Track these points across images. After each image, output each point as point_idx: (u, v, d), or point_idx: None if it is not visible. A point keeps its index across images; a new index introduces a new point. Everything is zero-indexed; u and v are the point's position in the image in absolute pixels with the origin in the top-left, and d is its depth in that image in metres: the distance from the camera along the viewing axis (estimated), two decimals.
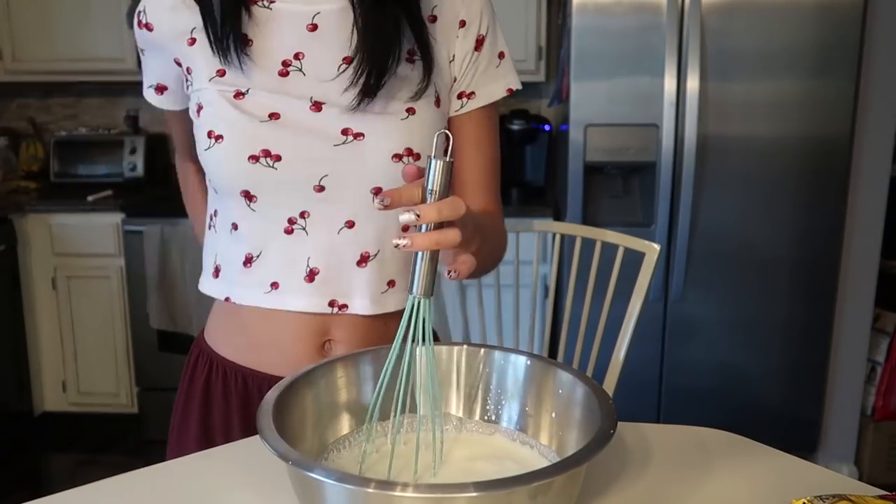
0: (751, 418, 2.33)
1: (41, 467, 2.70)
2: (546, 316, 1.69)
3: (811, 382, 2.32)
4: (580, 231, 1.59)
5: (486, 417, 0.74)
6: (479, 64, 0.89)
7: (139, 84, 0.97)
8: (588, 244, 1.56)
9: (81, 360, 2.81)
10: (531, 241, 1.68)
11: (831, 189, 2.20)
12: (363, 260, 0.86)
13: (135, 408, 2.82)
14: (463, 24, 0.88)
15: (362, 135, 0.83)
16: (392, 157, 0.83)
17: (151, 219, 2.58)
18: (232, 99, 0.83)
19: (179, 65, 0.87)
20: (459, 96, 0.90)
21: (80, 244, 2.73)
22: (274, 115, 0.82)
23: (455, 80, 0.90)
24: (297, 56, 0.83)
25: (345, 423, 0.71)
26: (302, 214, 0.84)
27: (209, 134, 0.83)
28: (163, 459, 0.76)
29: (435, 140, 0.70)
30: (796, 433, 2.36)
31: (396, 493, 0.48)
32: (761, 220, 2.21)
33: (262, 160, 0.81)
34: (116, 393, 2.82)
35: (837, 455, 2.44)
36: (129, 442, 2.78)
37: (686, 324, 2.29)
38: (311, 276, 0.86)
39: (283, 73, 0.83)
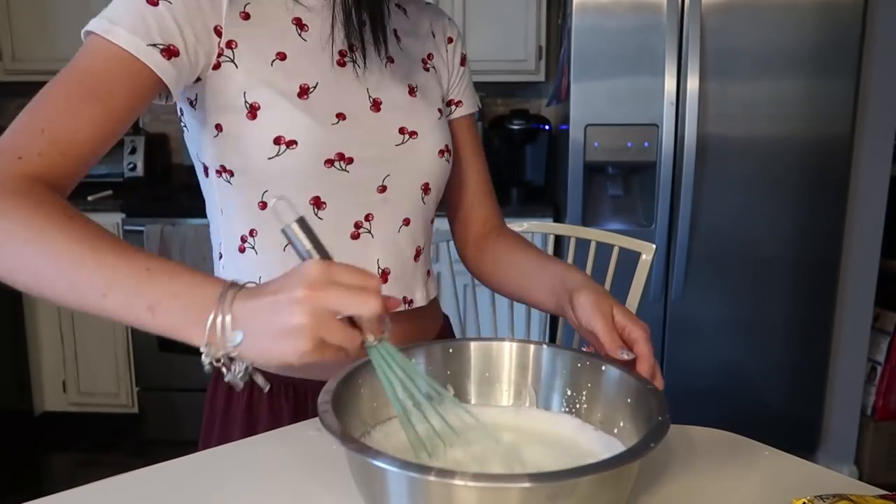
0: (751, 418, 2.33)
1: (41, 467, 2.70)
2: (544, 316, 1.68)
3: (811, 382, 2.32)
4: (575, 232, 1.59)
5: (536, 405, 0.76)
6: (463, 78, 1.01)
7: None
8: (584, 245, 1.56)
9: (81, 360, 2.81)
10: None
11: (831, 189, 2.20)
12: (417, 254, 0.92)
13: (135, 408, 2.81)
14: (451, 40, 1.00)
15: (416, 133, 0.88)
16: (438, 153, 0.90)
17: (151, 218, 2.57)
18: (297, 99, 0.80)
19: (219, 35, 0.77)
20: (448, 104, 1.00)
21: None
22: (340, 116, 0.82)
23: (447, 90, 1.00)
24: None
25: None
26: (367, 217, 0.86)
27: (277, 140, 0.78)
28: (163, 459, 0.76)
29: (274, 206, 0.60)
30: (796, 433, 2.35)
31: (456, 482, 0.50)
32: (761, 220, 2.21)
33: (337, 163, 0.82)
34: (116, 393, 2.82)
35: (837, 455, 2.44)
36: (129, 442, 2.77)
37: (686, 324, 2.29)
38: (385, 276, 0.88)
39: (341, 64, 0.84)
